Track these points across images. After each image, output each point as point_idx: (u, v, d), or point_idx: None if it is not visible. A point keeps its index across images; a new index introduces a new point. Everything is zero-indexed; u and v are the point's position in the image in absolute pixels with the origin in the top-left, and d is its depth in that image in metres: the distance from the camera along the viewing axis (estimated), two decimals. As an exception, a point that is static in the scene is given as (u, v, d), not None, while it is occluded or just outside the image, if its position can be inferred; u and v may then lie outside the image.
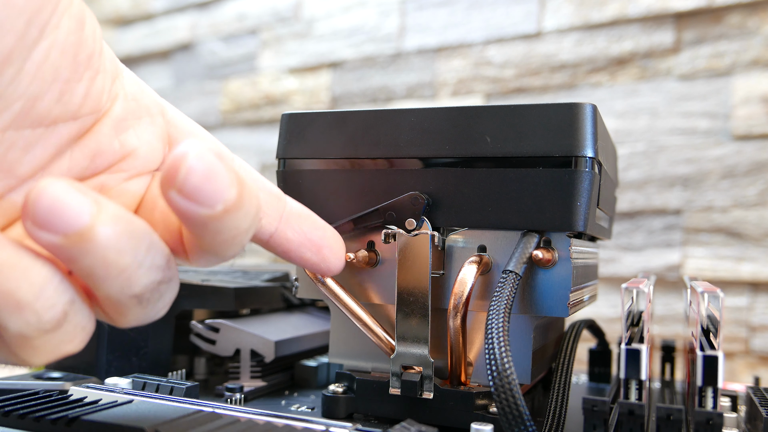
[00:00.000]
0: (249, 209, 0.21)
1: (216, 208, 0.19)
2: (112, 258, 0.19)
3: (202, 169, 0.19)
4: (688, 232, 0.62)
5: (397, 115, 0.31)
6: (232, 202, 0.19)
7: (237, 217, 0.20)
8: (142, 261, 0.20)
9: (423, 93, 0.76)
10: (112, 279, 0.19)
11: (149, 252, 0.20)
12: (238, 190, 0.20)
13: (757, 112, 0.60)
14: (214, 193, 0.19)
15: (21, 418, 0.25)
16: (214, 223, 0.20)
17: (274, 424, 0.25)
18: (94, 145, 0.22)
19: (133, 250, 0.19)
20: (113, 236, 0.19)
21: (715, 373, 0.26)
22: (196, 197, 0.19)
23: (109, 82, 0.22)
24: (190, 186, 0.19)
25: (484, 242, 0.30)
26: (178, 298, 0.38)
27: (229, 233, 0.20)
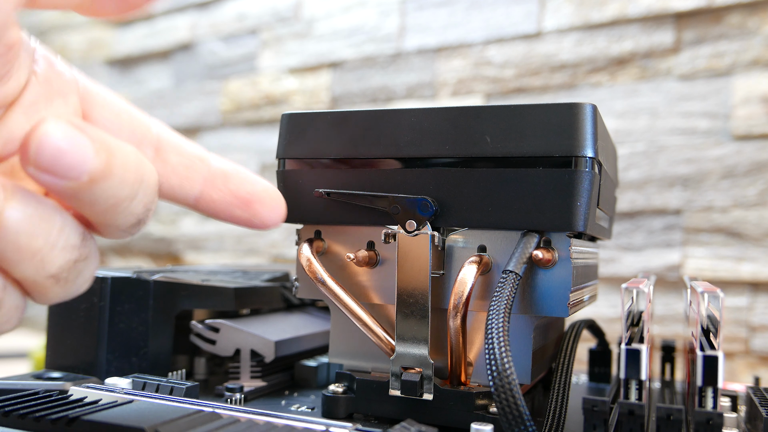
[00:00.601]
0: (125, 176, 0.20)
1: (80, 179, 0.19)
2: (23, 242, 0.19)
3: (54, 142, 0.18)
4: (688, 232, 0.62)
5: (398, 115, 0.31)
6: (99, 171, 0.19)
7: (110, 186, 0.20)
8: (55, 242, 0.20)
9: (423, 93, 0.76)
10: (26, 262, 0.19)
11: (62, 232, 0.20)
12: (104, 158, 0.19)
13: (757, 112, 0.60)
14: (73, 165, 0.19)
15: (21, 418, 0.25)
16: (84, 194, 0.19)
17: (274, 424, 0.25)
18: (5, 133, 0.22)
19: (45, 232, 0.19)
20: (23, 220, 0.19)
21: (715, 373, 0.26)
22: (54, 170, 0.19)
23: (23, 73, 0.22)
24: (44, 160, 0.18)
25: (484, 242, 0.30)
26: (178, 298, 0.38)
27: (107, 202, 0.20)
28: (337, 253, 0.33)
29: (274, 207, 0.27)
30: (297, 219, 0.33)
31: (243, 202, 0.27)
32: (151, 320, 0.37)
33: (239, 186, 0.27)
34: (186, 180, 0.26)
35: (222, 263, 0.79)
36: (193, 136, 0.95)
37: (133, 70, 1.02)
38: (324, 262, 0.33)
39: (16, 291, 0.20)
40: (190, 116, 0.95)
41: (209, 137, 0.94)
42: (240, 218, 0.27)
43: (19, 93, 0.22)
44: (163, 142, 0.26)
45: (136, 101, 1.00)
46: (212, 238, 0.94)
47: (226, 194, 0.27)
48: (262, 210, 0.27)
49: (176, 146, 0.26)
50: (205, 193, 0.26)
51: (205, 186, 0.26)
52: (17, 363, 0.80)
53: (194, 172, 0.26)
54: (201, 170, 0.26)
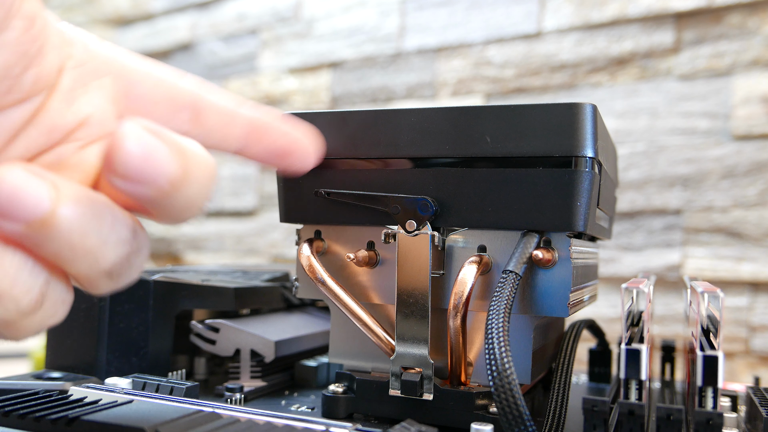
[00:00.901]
0: (199, 178, 0.20)
1: (162, 187, 0.19)
2: (76, 240, 0.19)
3: (138, 151, 0.19)
4: (688, 232, 0.62)
5: (398, 115, 0.31)
6: (178, 177, 0.19)
7: (187, 189, 0.20)
8: (107, 238, 0.20)
9: (423, 93, 0.76)
10: (80, 260, 0.19)
11: (113, 228, 0.20)
12: (181, 163, 0.20)
13: (757, 112, 0.60)
14: (156, 173, 0.19)
15: (21, 418, 0.25)
16: (164, 199, 0.20)
17: (274, 424, 0.25)
18: (48, 122, 0.22)
19: (97, 229, 0.19)
20: (75, 219, 0.19)
21: (715, 373, 0.26)
22: (139, 179, 0.19)
23: (57, 59, 0.22)
24: (131, 170, 0.19)
25: (484, 242, 0.30)
26: (178, 298, 0.38)
27: (183, 203, 0.20)
28: (337, 253, 0.33)
29: (306, 157, 0.29)
30: (297, 219, 0.33)
31: (278, 155, 0.28)
32: (151, 320, 0.37)
33: (274, 141, 0.28)
34: (224, 140, 0.27)
35: (222, 263, 0.79)
36: (193, 136, 0.95)
37: (133, 70, 1.02)
38: (324, 262, 0.33)
39: (61, 284, 0.20)
40: (190, 116, 0.95)
41: (209, 137, 0.94)
42: (275, 165, 0.29)
43: (56, 78, 0.22)
44: (200, 102, 0.26)
45: (136, 101, 1.00)
46: (212, 238, 0.94)
47: (261, 148, 0.28)
48: (293, 160, 0.29)
49: (213, 104, 0.26)
50: (243, 146, 0.27)
51: (243, 140, 0.27)
52: (17, 363, 0.80)
53: (232, 129, 0.27)
54: (238, 128, 0.27)
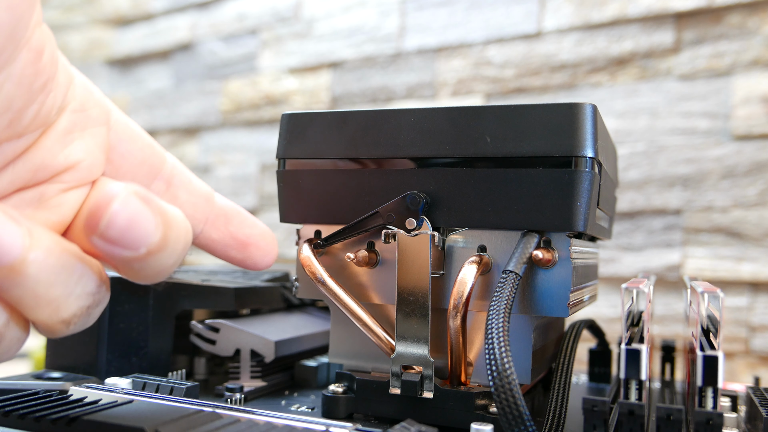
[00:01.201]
0: (175, 247, 0.21)
1: (139, 252, 0.19)
2: (41, 291, 0.19)
3: (124, 216, 0.19)
4: (688, 232, 0.62)
5: (397, 115, 0.31)
6: (156, 245, 0.20)
7: (162, 257, 0.20)
8: (72, 291, 0.20)
9: (423, 93, 0.76)
10: (42, 308, 0.19)
11: (80, 281, 0.20)
12: (163, 232, 0.20)
13: (757, 112, 0.60)
14: (137, 239, 0.19)
15: (21, 418, 0.25)
16: (137, 263, 0.20)
17: (274, 424, 0.25)
18: (38, 160, 0.22)
19: (64, 282, 0.19)
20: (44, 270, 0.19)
21: (715, 373, 0.26)
22: (119, 243, 0.19)
23: (60, 97, 0.22)
24: (113, 233, 0.19)
25: (484, 242, 0.30)
26: (178, 298, 0.38)
27: (153, 270, 0.21)
28: (337, 253, 0.33)
29: (268, 251, 0.29)
30: (297, 219, 0.33)
31: (240, 244, 0.28)
32: (151, 320, 0.37)
33: (238, 229, 0.28)
34: (192, 218, 0.27)
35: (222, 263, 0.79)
36: (193, 136, 0.95)
37: (133, 70, 1.02)
38: (324, 262, 0.33)
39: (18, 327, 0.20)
40: (190, 116, 0.95)
41: (209, 137, 0.94)
42: (234, 258, 0.29)
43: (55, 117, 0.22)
44: (176, 177, 0.27)
45: (136, 101, 1.00)
46: (212, 238, 0.94)
47: (225, 235, 0.28)
48: (256, 253, 0.29)
49: (186, 183, 0.27)
50: (206, 231, 0.27)
51: (207, 225, 0.27)
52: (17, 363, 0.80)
53: (199, 211, 0.27)
54: (205, 210, 0.27)
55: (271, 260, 0.29)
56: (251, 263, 0.29)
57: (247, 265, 0.29)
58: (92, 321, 0.22)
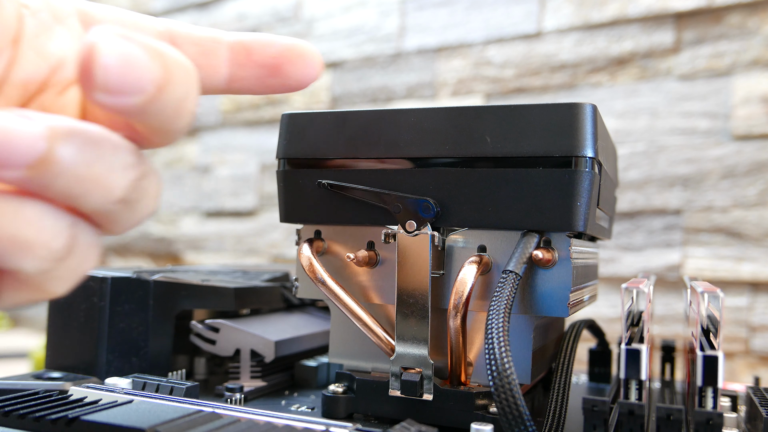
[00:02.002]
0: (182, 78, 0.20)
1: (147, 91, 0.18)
2: (82, 172, 0.18)
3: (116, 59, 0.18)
4: (688, 232, 0.62)
5: (397, 115, 0.31)
6: (161, 78, 0.19)
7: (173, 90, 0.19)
8: (112, 164, 0.19)
9: (423, 93, 0.76)
10: (92, 192, 0.19)
11: (115, 154, 0.19)
12: (161, 63, 0.19)
13: (757, 112, 0.60)
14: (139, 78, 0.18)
15: (21, 418, 0.25)
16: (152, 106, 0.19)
17: (274, 424, 0.25)
18: (21, 74, 0.21)
19: (100, 157, 0.19)
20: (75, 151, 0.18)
21: (715, 373, 0.26)
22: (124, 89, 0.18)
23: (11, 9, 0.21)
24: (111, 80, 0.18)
25: (484, 242, 0.30)
26: (178, 298, 0.38)
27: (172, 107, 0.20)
28: (337, 253, 0.33)
29: (306, 62, 0.26)
30: (297, 219, 0.33)
31: (272, 69, 0.26)
32: (151, 320, 0.37)
33: (263, 54, 0.26)
34: (209, 68, 0.25)
35: (222, 263, 0.79)
36: (193, 136, 0.95)
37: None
38: (324, 262, 0.33)
39: (87, 226, 0.20)
40: (190, 116, 0.95)
41: (209, 137, 0.94)
42: (276, 86, 0.26)
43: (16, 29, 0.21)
44: (175, 36, 0.25)
45: (136, 101, 1.00)
46: (212, 238, 0.94)
47: (253, 68, 0.26)
48: (293, 70, 0.26)
49: (189, 36, 0.25)
50: (233, 74, 0.26)
51: (231, 67, 0.25)
52: (17, 363, 0.80)
53: (214, 57, 0.25)
54: (220, 53, 0.25)
55: (315, 70, 0.26)
56: (294, 82, 0.26)
57: (291, 86, 0.26)
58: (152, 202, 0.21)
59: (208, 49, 0.25)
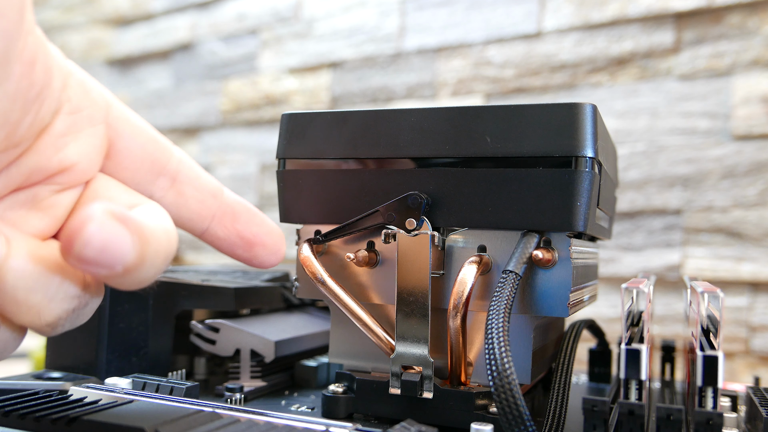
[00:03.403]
0: (154, 262, 0.21)
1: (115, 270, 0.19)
2: (21, 297, 0.19)
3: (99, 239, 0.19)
4: (688, 232, 0.62)
5: (397, 115, 0.31)
6: (132, 263, 0.20)
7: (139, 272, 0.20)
8: (54, 295, 0.20)
9: (423, 93, 0.76)
10: (23, 314, 0.20)
11: (61, 286, 0.20)
12: (139, 250, 0.20)
13: (757, 112, 0.60)
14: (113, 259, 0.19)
15: (21, 418, 0.25)
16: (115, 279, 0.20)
17: (274, 424, 0.25)
18: (32, 164, 0.22)
19: (44, 287, 0.20)
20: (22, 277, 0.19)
21: (715, 373, 0.26)
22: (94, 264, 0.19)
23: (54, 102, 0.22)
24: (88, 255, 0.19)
25: (484, 242, 0.30)
26: (178, 298, 0.38)
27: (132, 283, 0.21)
28: (337, 253, 0.33)
29: (274, 250, 0.28)
30: (297, 219, 0.33)
31: (246, 243, 0.28)
32: (151, 320, 0.37)
33: (246, 227, 0.28)
34: (197, 215, 0.26)
35: (222, 263, 0.79)
36: (193, 136, 0.95)
37: (133, 70, 1.02)
38: (324, 262, 0.33)
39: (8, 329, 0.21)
40: (190, 116, 0.95)
41: (209, 137, 0.94)
42: (241, 257, 0.28)
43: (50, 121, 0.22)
44: (182, 173, 0.26)
45: (136, 101, 1.00)
46: (212, 238, 0.94)
47: (231, 233, 0.27)
48: (262, 253, 0.28)
49: (193, 179, 0.27)
50: (213, 228, 0.27)
51: (214, 222, 0.27)
52: (17, 363, 0.80)
53: (206, 208, 0.27)
54: (213, 207, 0.27)
55: (277, 259, 0.29)
56: (257, 262, 0.28)
57: (253, 264, 0.28)
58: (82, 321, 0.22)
59: (203, 198, 0.27)
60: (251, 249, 0.28)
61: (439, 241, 0.30)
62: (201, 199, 0.27)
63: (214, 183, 0.27)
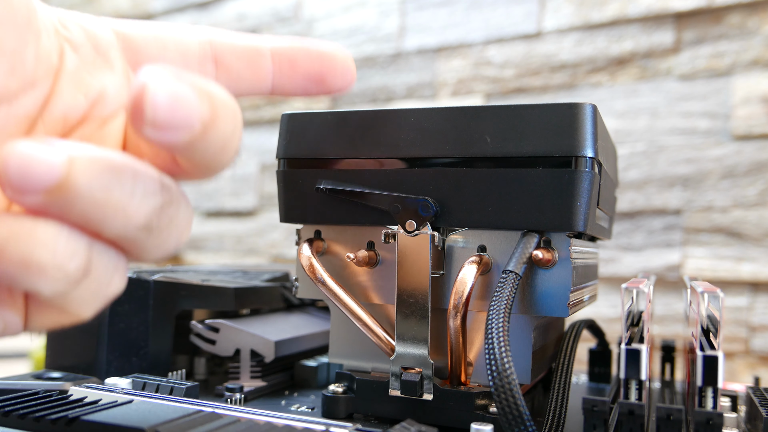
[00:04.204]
0: (228, 117, 0.20)
1: (195, 128, 0.19)
2: (101, 197, 0.18)
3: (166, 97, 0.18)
4: (688, 232, 0.62)
5: (397, 115, 0.31)
6: (208, 116, 0.19)
7: (218, 129, 0.20)
8: (132, 191, 0.19)
9: (423, 93, 0.76)
10: (111, 218, 0.19)
11: (136, 180, 0.19)
12: (209, 103, 0.19)
13: (757, 112, 0.60)
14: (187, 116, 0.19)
15: (21, 418, 0.25)
16: (197, 143, 0.19)
17: (274, 424, 0.25)
18: (61, 107, 0.22)
19: (119, 183, 0.19)
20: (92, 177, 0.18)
21: (715, 373, 0.26)
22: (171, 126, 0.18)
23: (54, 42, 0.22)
24: (161, 118, 0.18)
25: (484, 242, 0.30)
26: (178, 298, 0.38)
27: (217, 144, 0.20)
28: (337, 253, 0.33)
29: (345, 72, 0.27)
30: (297, 219, 0.33)
31: (315, 79, 0.27)
32: (151, 320, 0.37)
33: (308, 66, 0.27)
34: (255, 80, 0.26)
35: (222, 263, 0.79)
36: (193, 136, 0.95)
37: (133, 70, 1.02)
38: (324, 262, 0.33)
39: (108, 249, 0.20)
40: (190, 116, 0.95)
41: (209, 137, 0.94)
42: (316, 92, 0.27)
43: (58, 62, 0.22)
44: (219, 50, 0.26)
45: (136, 101, 1.00)
46: (212, 238, 0.94)
47: (297, 78, 0.27)
48: (334, 81, 0.27)
49: (232, 49, 0.26)
50: (277, 83, 0.26)
51: (276, 78, 0.26)
52: (17, 363, 0.80)
53: (260, 69, 0.26)
54: (265, 65, 0.26)
55: (351, 79, 0.28)
56: (336, 89, 0.27)
57: (332, 92, 0.27)
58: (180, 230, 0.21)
59: (252, 61, 0.26)
60: (323, 83, 0.27)
61: (439, 241, 0.30)
62: (249, 65, 0.26)
63: (254, 42, 0.26)
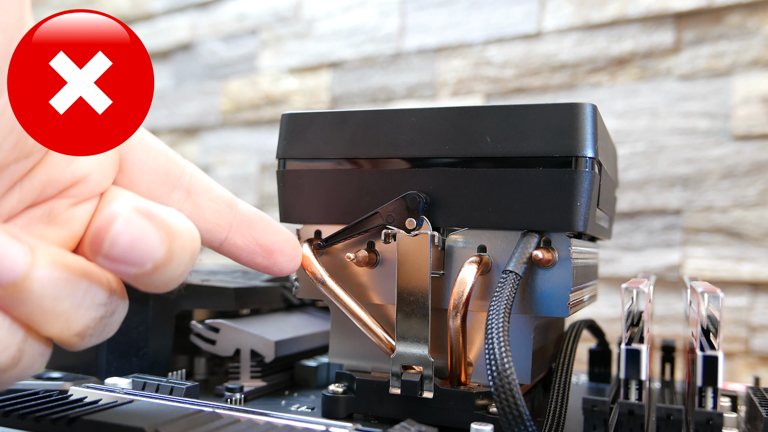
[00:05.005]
0: (182, 258, 0.21)
1: (145, 268, 0.19)
2: (48, 306, 0.19)
3: (127, 236, 0.19)
4: (688, 232, 0.62)
5: (397, 115, 0.31)
6: (161, 259, 0.20)
7: (169, 269, 0.20)
8: (81, 303, 0.20)
9: (423, 93, 0.76)
10: (51, 323, 0.20)
11: (88, 293, 0.20)
12: (167, 246, 0.20)
13: (757, 112, 0.60)
14: (142, 256, 0.19)
15: (21, 418, 0.25)
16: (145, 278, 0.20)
17: (274, 424, 0.25)
18: (45, 176, 0.22)
19: (70, 295, 0.19)
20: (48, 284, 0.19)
21: (715, 373, 0.26)
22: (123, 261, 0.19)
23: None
24: (116, 253, 0.19)
25: (484, 242, 0.30)
26: (178, 298, 0.38)
27: (162, 281, 0.21)
28: (337, 253, 0.33)
29: (292, 257, 0.29)
30: (297, 219, 0.33)
31: (266, 251, 0.28)
32: (151, 320, 0.37)
33: (263, 235, 0.28)
34: (215, 225, 0.27)
35: (222, 263, 0.79)
36: (193, 136, 0.95)
37: (133, 70, 1.02)
38: (324, 262, 0.33)
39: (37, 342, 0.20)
40: (190, 116, 0.95)
41: (209, 137, 0.94)
42: (260, 265, 0.28)
43: None
44: (195, 185, 0.26)
45: (136, 101, 1.00)
46: (212, 238, 0.94)
47: (250, 242, 0.28)
48: (282, 260, 0.28)
49: (207, 190, 0.27)
50: (231, 238, 0.27)
51: (231, 232, 0.27)
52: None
53: (223, 218, 0.27)
54: (229, 217, 0.27)
55: (295, 266, 0.29)
56: (277, 269, 0.29)
57: (273, 271, 0.29)
58: (111, 331, 0.22)
59: (219, 209, 0.27)
60: (271, 256, 0.28)
61: (439, 241, 0.30)
62: (217, 209, 0.27)
63: (227, 194, 0.28)
